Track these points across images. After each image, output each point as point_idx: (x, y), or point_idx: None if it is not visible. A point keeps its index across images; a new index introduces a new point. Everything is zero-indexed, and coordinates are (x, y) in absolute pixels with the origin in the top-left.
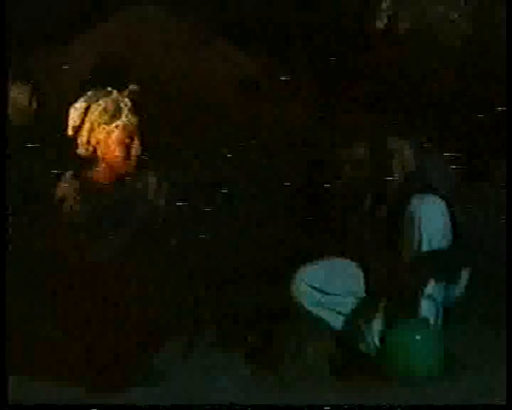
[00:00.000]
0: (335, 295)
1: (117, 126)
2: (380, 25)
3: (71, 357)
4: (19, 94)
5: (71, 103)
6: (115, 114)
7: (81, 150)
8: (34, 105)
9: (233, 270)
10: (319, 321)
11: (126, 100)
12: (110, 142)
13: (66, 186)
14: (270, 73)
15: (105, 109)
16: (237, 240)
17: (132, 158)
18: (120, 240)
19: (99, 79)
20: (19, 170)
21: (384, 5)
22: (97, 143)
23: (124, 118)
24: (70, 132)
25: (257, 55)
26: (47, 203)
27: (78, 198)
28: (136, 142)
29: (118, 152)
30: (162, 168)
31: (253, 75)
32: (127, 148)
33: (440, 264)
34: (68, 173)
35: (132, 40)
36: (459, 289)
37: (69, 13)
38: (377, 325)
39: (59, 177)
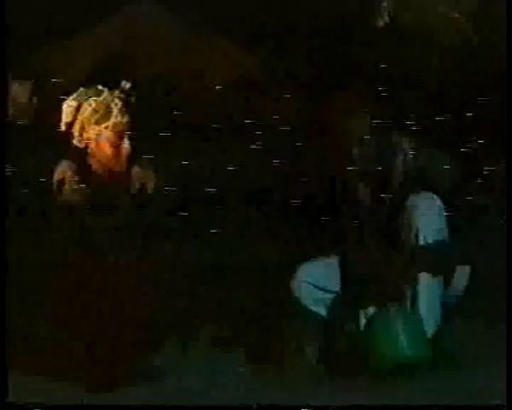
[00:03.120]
0: (335, 292)
1: (106, 127)
2: (380, 23)
3: (70, 356)
4: (19, 92)
5: None
6: (105, 115)
7: (76, 142)
8: (34, 102)
9: (233, 268)
10: (319, 319)
11: (116, 100)
12: (100, 141)
13: (64, 169)
14: (270, 71)
15: (95, 110)
16: (237, 238)
17: (122, 157)
18: (121, 236)
19: (99, 78)
20: (19, 167)
21: (385, 4)
22: (88, 140)
23: (113, 119)
24: (63, 128)
25: (257, 53)
26: (47, 198)
27: (77, 179)
28: (126, 142)
29: (107, 152)
30: (161, 168)
31: (253, 74)
32: (117, 147)
33: (437, 258)
34: (64, 161)
35: (132, 39)
36: (459, 288)
37: (69, 12)
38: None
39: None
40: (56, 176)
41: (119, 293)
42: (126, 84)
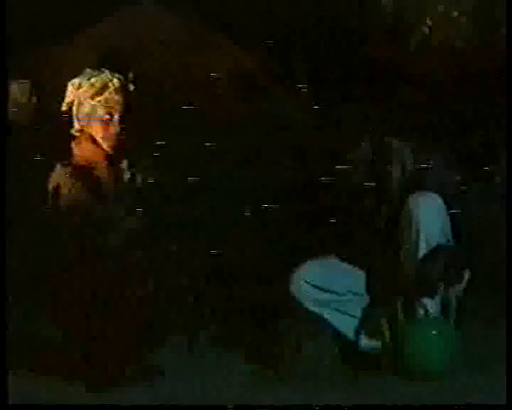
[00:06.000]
0: (335, 293)
1: (99, 101)
2: (380, 23)
3: (70, 355)
4: (18, 90)
5: None
6: (100, 91)
7: (74, 127)
8: (34, 101)
9: (233, 268)
10: (319, 319)
11: (115, 80)
12: (93, 117)
13: (58, 174)
14: (269, 70)
15: (92, 85)
16: (237, 238)
17: (110, 136)
18: (119, 235)
19: None
20: (19, 166)
21: (384, 3)
22: (83, 118)
23: (106, 94)
24: (64, 108)
25: (256, 52)
26: (46, 197)
27: (72, 182)
28: (116, 119)
29: (98, 127)
30: (161, 166)
31: (252, 73)
32: (106, 125)
33: (442, 262)
34: (58, 164)
35: (132, 39)
36: (458, 289)
37: (69, 12)
38: (385, 323)
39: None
40: (52, 182)
41: (119, 293)
42: (129, 74)
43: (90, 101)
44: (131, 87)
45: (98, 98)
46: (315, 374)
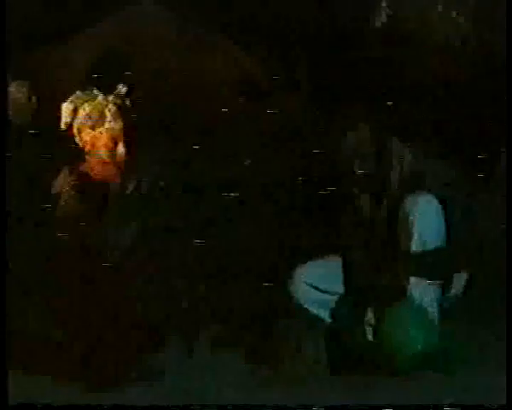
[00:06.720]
0: (334, 293)
1: (101, 133)
2: (378, 23)
3: (70, 356)
4: (18, 91)
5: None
6: (98, 121)
7: (77, 141)
8: (33, 102)
9: (232, 268)
10: (318, 320)
11: (110, 106)
12: (96, 145)
13: (61, 181)
14: (269, 71)
15: (89, 115)
16: (236, 238)
17: (117, 163)
18: (119, 237)
19: (98, 78)
20: (18, 166)
21: (383, 3)
22: (85, 143)
23: (107, 124)
24: (63, 127)
25: (256, 53)
26: (46, 198)
27: (73, 193)
28: (121, 147)
29: (103, 157)
30: (160, 165)
31: (252, 72)
32: (112, 152)
33: (433, 262)
34: (65, 169)
35: (132, 40)
36: (457, 290)
37: (69, 12)
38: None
39: (57, 173)
40: (55, 188)
41: (119, 294)
42: (122, 89)
43: (90, 131)
44: (128, 102)
45: (99, 129)
46: (315, 374)
